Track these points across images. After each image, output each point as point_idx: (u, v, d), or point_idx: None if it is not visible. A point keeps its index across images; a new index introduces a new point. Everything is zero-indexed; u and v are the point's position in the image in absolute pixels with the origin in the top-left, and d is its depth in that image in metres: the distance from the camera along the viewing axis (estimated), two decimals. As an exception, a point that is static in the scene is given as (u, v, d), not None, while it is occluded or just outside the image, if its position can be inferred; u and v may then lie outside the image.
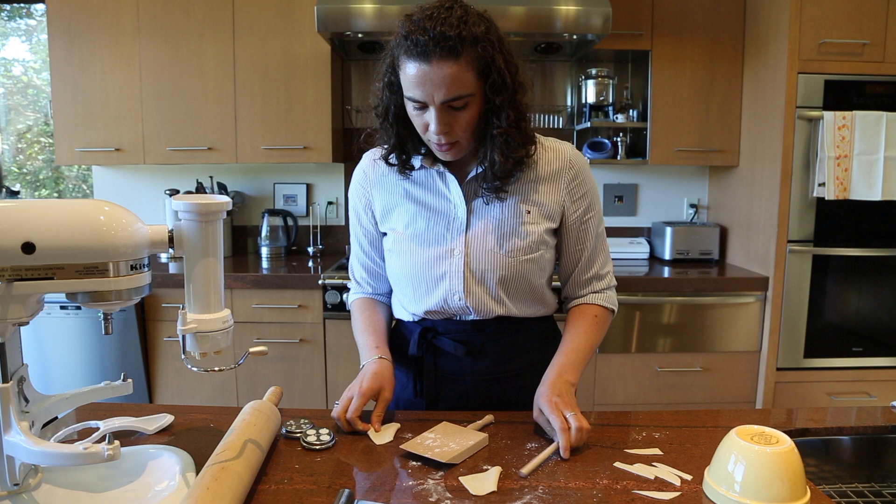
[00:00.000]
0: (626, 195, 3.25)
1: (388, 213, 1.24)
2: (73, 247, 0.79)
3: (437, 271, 1.18)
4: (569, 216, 1.21)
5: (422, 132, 1.11)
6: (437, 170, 1.19)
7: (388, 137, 1.16)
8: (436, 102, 1.03)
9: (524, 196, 1.18)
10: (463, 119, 1.06)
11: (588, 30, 2.53)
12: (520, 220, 1.17)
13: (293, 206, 3.21)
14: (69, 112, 2.80)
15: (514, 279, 1.18)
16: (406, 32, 1.02)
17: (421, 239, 1.19)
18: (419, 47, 1.00)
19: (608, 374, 2.66)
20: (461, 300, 1.18)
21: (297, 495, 0.87)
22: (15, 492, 0.84)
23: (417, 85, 1.03)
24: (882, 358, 2.61)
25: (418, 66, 1.01)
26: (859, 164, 2.40)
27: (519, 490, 0.89)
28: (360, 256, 1.32)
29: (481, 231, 1.17)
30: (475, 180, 1.18)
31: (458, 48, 1.00)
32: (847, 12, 2.44)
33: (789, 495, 0.81)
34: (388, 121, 1.14)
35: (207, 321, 0.88)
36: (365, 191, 1.26)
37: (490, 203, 1.17)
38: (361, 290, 1.35)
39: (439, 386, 1.24)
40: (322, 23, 2.50)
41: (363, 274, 1.33)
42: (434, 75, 1.01)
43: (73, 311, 2.61)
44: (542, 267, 1.21)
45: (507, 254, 1.16)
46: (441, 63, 1.00)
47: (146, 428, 1.06)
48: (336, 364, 2.63)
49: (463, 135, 1.09)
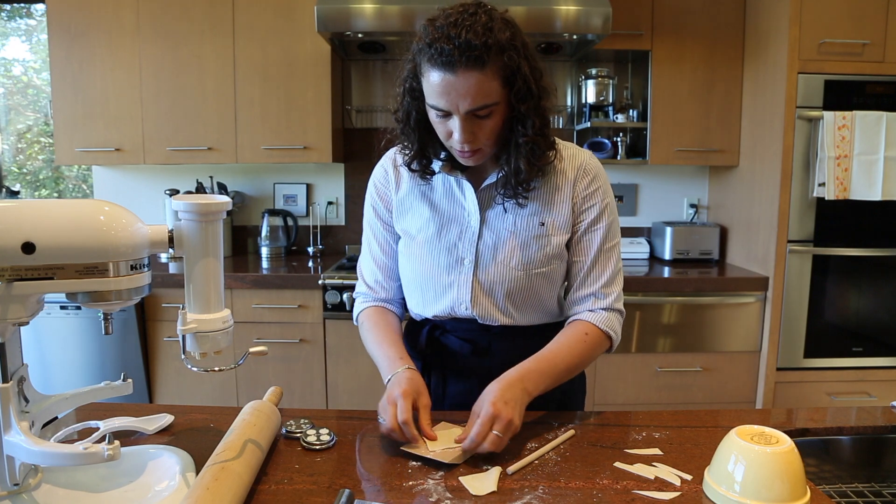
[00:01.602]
0: (626, 195, 3.25)
1: (403, 214, 1.23)
2: (73, 247, 0.79)
3: (445, 280, 1.18)
4: (576, 224, 1.17)
5: (444, 139, 1.09)
6: (454, 177, 1.17)
7: (409, 143, 1.14)
8: (460, 112, 1.01)
9: (538, 208, 1.15)
10: (487, 127, 1.04)
11: (588, 30, 2.53)
12: (533, 232, 1.15)
13: (293, 206, 3.21)
14: (69, 112, 2.80)
15: (522, 292, 1.17)
16: (430, 40, 0.99)
17: (432, 245, 1.19)
18: (444, 56, 0.97)
19: (608, 374, 2.66)
20: (468, 309, 1.18)
21: (297, 495, 0.87)
22: (15, 492, 0.84)
23: (442, 94, 1.00)
24: (882, 358, 2.61)
25: (443, 76, 0.99)
26: (859, 164, 2.40)
27: (519, 490, 0.89)
28: (377, 256, 1.27)
29: (493, 242, 1.16)
30: (492, 188, 1.16)
31: (483, 58, 0.97)
32: (847, 12, 2.44)
33: (789, 495, 0.81)
34: (410, 126, 1.12)
35: (207, 321, 0.88)
36: (385, 189, 1.25)
37: (505, 213, 1.15)
38: (373, 296, 1.27)
39: (445, 384, 1.25)
40: (322, 23, 2.50)
41: (378, 276, 1.27)
42: (459, 85, 0.98)
43: (73, 311, 2.61)
44: (553, 281, 1.18)
45: (517, 267, 1.15)
46: (467, 73, 0.97)
47: (146, 428, 1.05)
48: (336, 364, 2.63)
49: (486, 142, 1.07)
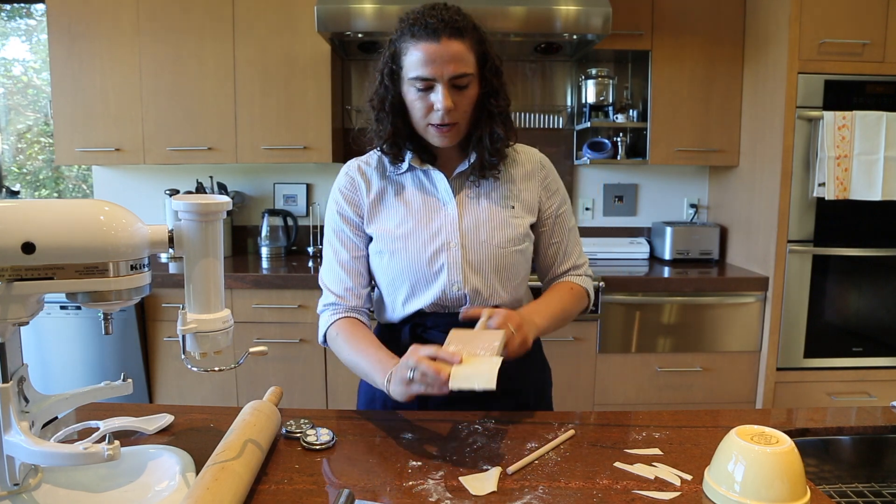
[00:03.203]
0: (626, 195, 3.25)
1: (376, 215, 1.25)
2: (73, 247, 0.79)
3: (435, 265, 1.21)
4: (545, 210, 1.30)
5: (422, 116, 1.16)
6: (423, 169, 1.25)
7: (382, 128, 1.20)
8: (444, 78, 1.11)
9: (507, 192, 1.26)
10: (466, 98, 1.15)
11: (588, 30, 2.53)
12: (507, 213, 1.24)
13: (293, 206, 3.21)
14: (69, 112, 2.80)
15: (507, 269, 1.24)
16: (412, 21, 1.13)
17: (416, 235, 1.21)
18: (429, 28, 1.10)
19: (608, 374, 2.66)
20: (460, 290, 1.21)
21: (297, 495, 0.87)
22: (15, 492, 0.84)
23: (427, 63, 1.11)
24: (882, 358, 2.61)
25: (428, 45, 1.10)
26: (859, 164, 2.40)
27: (519, 490, 0.89)
28: (346, 263, 1.25)
29: (473, 224, 1.23)
30: (463, 175, 1.25)
31: (463, 31, 1.12)
32: (847, 12, 2.44)
33: (789, 495, 0.81)
34: (385, 110, 1.19)
35: (207, 321, 0.88)
36: (353, 194, 1.27)
37: (478, 198, 1.24)
38: (344, 304, 1.24)
39: None
40: (322, 23, 2.50)
41: (348, 283, 1.25)
42: (444, 51, 1.10)
43: (73, 311, 2.61)
44: (527, 259, 1.29)
45: (500, 244, 1.23)
46: (450, 41, 1.10)
47: (146, 428, 1.05)
48: (336, 364, 2.63)
49: (462, 116, 1.16)
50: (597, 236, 3.22)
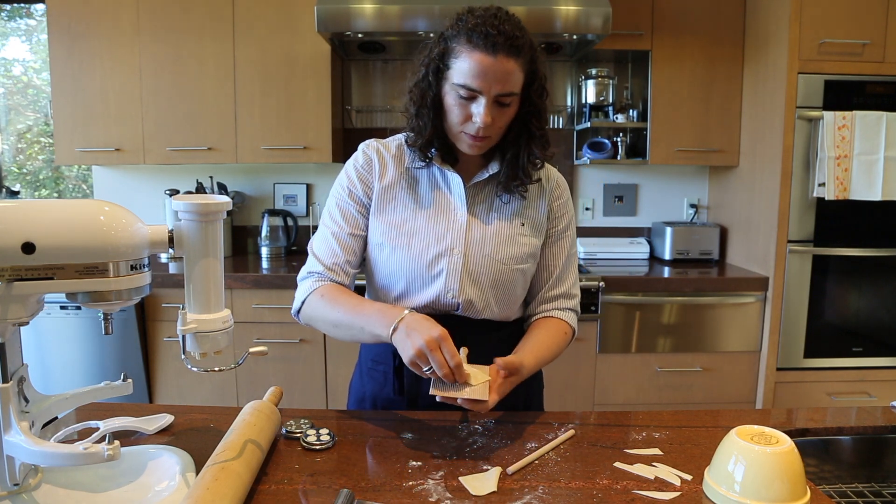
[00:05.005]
0: (626, 195, 3.25)
1: (385, 203, 1.23)
2: (73, 247, 0.79)
3: (434, 269, 1.19)
4: (548, 230, 1.28)
5: (458, 122, 1.13)
6: (446, 170, 1.22)
7: (423, 125, 1.17)
8: (490, 94, 1.09)
9: (519, 210, 1.24)
10: (505, 115, 1.13)
11: (588, 30, 2.53)
12: (516, 230, 1.23)
13: (293, 206, 3.21)
14: (69, 112, 2.80)
15: (504, 285, 1.22)
16: (472, 25, 1.08)
17: (421, 234, 1.20)
18: (488, 39, 1.06)
19: (608, 374, 2.66)
20: (455, 298, 1.19)
21: (297, 495, 0.87)
22: (15, 492, 0.84)
23: (478, 75, 1.08)
24: (882, 358, 2.61)
25: (482, 57, 1.07)
26: (859, 164, 2.40)
27: (519, 490, 0.89)
28: (342, 237, 1.23)
29: (480, 235, 1.21)
30: (482, 185, 1.23)
31: (520, 49, 1.08)
32: (847, 12, 2.44)
33: (789, 495, 0.81)
34: (426, 106, 1.16)
35: (207, 321, 0.88)
36: (368, 174, 1.24)
37: (490, 212, 1.23)
38: (331, 276, 1.21)
39: (419, 383, 1.22)
40: (322, 23, 2.50)
41: (339, 258, 1.22)
42: (497, 68, 1.07)
43: (73, 311, 2.61)
44: (527, 279, 1.27)
45: (503, 260, 1.21)
46: (505, 59, 1.07)
47: (146, 428, 1.05)
48: (336, 364, 2.63)
49: (498, 132, 1.15)
50: (597, 236, 3.22)
